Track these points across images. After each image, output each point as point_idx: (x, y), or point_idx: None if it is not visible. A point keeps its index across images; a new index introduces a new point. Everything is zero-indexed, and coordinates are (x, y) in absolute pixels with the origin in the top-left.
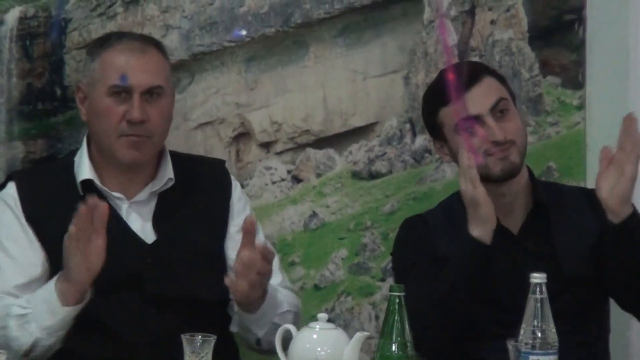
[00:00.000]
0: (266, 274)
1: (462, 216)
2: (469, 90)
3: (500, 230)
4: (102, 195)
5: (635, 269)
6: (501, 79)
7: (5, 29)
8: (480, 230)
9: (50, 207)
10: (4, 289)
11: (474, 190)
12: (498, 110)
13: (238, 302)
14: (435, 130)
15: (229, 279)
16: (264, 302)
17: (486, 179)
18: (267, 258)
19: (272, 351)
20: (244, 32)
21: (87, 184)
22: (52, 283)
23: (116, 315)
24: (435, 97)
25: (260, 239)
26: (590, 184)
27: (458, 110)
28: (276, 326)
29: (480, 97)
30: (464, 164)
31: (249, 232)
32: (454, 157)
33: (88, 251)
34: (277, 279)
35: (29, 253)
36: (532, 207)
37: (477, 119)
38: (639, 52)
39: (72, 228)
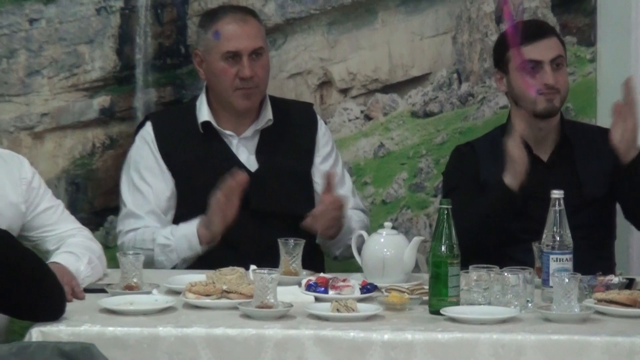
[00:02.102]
0: (338, 219)
1: (502, 146)
2: (540, 41)
3: (534, 158)
4: (217, 133)
5: None
6: (562, 43)
7: (142, 0)
8: (512, 180)
9: (178, 142)
10: (145, 209)
11: (516, 151)
12: (555, 63)
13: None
14: (501, 62)
15: (306, 222)
16: (340, 232)
17: (531, 112)
18: (340, 208)
19: (348, 256)
20: None
21: (206, 124)
22: (193, 225)
23: (229, 228)
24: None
25: (347, 188)
26: (599, 121)
27: (526, 53)
28: (349, 248)
29: (545, 49)
30: (516, 129)
31: (328, 182)
32: (509, 88)
33: (226, 209)
34: (349, 203)
35: (162, 184)
36: (559, 141)
37: (539, 63)
38: (639, 16)
39: (220, 195)
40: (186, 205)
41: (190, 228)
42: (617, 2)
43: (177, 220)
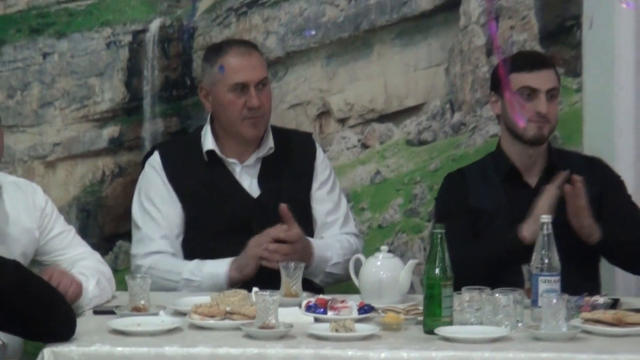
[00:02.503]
0: (292, 255)
1: (492, 173)
2: (539, 71)
3: (522, 184)
4: (221, 161)
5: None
6: (558, 77)
7: (149, 35)
8: (529, 235)
9: (185, 170)
10: (158, 233)
11: (545, 209)
12: (550, 94)
13: None
14: (498, 86)
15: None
16: (314, 262)
17: (520, 139)
18: (294, 244)
19: (345, 278)
20: (313, 32)
21: (211, 152)
22: (223, 267)
23: (232, 252)
24: (512, 63)
25: (341, 212)
26: (585, 148)
27: (524, 80)
28: (329, 274)
29: (544, 79)
30: (549, 193)
31: (284, 216)
32: (502, 111)
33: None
34: (335, 229)
35: (171, 209)
36: (547, 167)
37: (535, 91)
38: (621, 49)
39: (267, 245)
40: (193, 230)
41: (220, 268)
42: (601, 35)
43: (185, 244)
